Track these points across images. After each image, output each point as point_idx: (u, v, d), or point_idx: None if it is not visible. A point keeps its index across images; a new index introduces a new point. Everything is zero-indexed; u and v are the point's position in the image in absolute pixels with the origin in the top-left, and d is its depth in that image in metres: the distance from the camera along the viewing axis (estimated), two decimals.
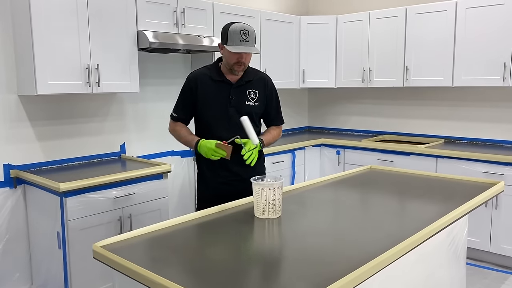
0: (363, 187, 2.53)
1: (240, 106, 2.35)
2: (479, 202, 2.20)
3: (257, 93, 2.41)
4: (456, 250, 2.43)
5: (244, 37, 2.21)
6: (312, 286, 1.25)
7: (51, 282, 2.92)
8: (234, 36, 2.22)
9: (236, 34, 2.21)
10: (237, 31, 2.21)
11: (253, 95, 2.40)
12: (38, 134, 3.12)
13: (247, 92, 2.39)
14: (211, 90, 2.35)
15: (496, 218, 3.52)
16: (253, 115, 2.37)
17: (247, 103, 2.38)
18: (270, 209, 1.89)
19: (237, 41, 2.21)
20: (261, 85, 2.44)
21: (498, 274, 3.44)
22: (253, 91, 2.40)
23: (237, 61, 2.27)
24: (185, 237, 1.74)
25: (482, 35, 3.70)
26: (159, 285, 1.31)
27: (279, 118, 2.56)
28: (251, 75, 2.42)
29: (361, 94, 4.93)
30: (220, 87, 2.36)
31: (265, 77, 2.49)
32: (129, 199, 2.96)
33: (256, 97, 2.40)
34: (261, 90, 2.43)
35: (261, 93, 2.43)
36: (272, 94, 2.49)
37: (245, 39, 2.22)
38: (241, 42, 2.21)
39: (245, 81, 2.38)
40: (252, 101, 2.39)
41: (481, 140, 4.13)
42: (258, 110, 2.43)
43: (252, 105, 2.39)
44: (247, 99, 2.38)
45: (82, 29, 2.94)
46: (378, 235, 1.71)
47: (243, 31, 2.21)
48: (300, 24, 4.63)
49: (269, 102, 2.48)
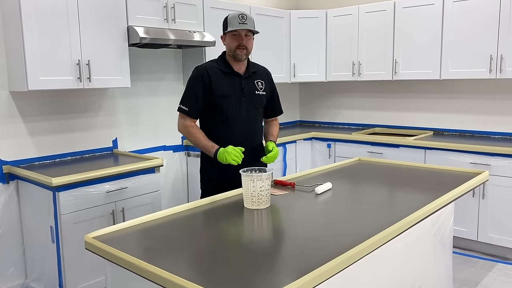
0: (351, 178, 2.58)
1: (251, 96, 2.46)
2: (464, 191, 2.26)
3: (263, 83, 2.53)
4: (442, 239, 2.49)
5: (242, 20, 2.33)
6: (299, 271, 1.29)
7: (45, 276, 2.95)
8: (233, 20, 2.33)
9: (235, 18, 2.33)
10: (235, 15, 2.34)
11: (260, 85, 2.52)
12: (30, 130, 3.14)
13: (255, 82, 2.50)
14: (223, 81, 2.41)
15: (483, 208, 3.59)
16: (262, 104, 2.53)
17: (257, 92, 2.49)
18: (259, 199, 1.94)
19: (236, 24, 2.33)
20: (265, 76, 2.57)
21: (486, 262, 3.52)
22: (260, 81, 2.52)
23: (239, 44, 2.35)
24: (176, 228, 1.78)
25: (469, 28, 3.76)
26: (151, 273, 1.35)
27: (280, 109, 2.71)
28: (254, 67, 2.55)
29: (351, 87, 4.98)
30: (231, 78, 2.43)
31: (266, 70, 2.64)
32: (121, 193, 2.99)
33: (263, 87, 2.53)
34: (265, 81, 2.56)
35: (266, 84, 2.55)
36: (273, 85, 2.64)
37: (243, 22, 2.33)
38: (239, 24, 2.32)
39: (251, 72, 2.49)
40: (261, 91, 2.51)
41: (469, 132, 4.20)
42: (265, 100, 2.56)
43: (261, 94, 2.51)
44: (256, 88, 2.49)
45: (72, 25, 2.95)
46: (365, 223, 1.76)
47: (241, 15, 2.34)
48: (290, 18, 4.67)
49: (272, 93, 2.61)
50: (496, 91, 4.00)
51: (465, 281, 3.19)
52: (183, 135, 2.49)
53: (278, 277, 1.30)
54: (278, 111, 2.70)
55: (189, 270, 1.36)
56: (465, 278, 3.25)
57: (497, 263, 3.50)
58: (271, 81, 2.62)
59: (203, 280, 1.25)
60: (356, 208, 2.00)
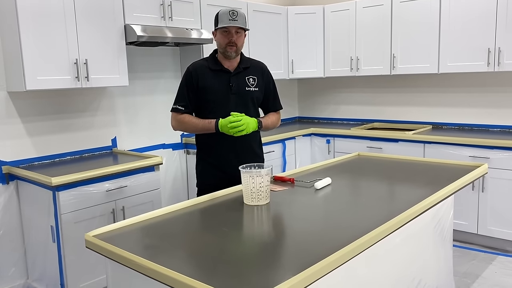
0: (351, 173, 2.58)
1: (241, 93, 2.41)
2: (463, 184, 2.26)
3: (255, 79, 2.47)
4: (442, 232, 2.49)
5: (232, 16, 2.29)
6: (299, 266, 1.29)
7: (46, 275, 2.95)
8: (224, 17, 2.30)
9: (225, 15, 2.29)
10: (226, 12, 2.30)
11: (252, 81, 2.45)
12: (29, 130, 3.14)
13: (246, 78, 2.44)
14: (211, 79, 2.38)
15: (483, 201, 3.59)
16: (254, 100, 2.46)
17: (247, 89, 2.43)
18: (258, 195, 1.94)
19: (226, 21, 2.29)
20: (259, 72, 2.50)
21: (486, 255, 3.53)
22: (252, 77, 2.46)
23: (229, 41, 2.32)
24: (176, 225, 1.78)
25: (467, 22, 3.75)
26: (152, 271, 1.35)
27: (277, 104, 2.61)
28: (247, 62, 2.50)
29: (349, 83, 4.98)
30: (219, 75, 2.40)
31: (262, 64, 2.57)
32: (121, 192, 2.99)
33: (255, 83, 2.46)
34: (259, 76, 2.49)
35: (259, 79, 2.49)
36: (269, 80, 2.56)
37: (233, 18, 2.29)
38: (230, 21, 2.29)
39: (242, 68, 2.45)
40: (252, 87, 2.45)
41: (468, 125, 4.20)
42: (258, 95, 2.49)
43: (252, 90, 2.45)
44: (247, 85, 2.43)
45: (69, 24, 2.95)
46: (364, 218, 1.76)
47: (231, 11, 2.30)
48: (287, 14, 4.66)
49: (267, 88, 2.54)
50: (494, 84, 4.00)
51: (466, 274, 3.20)
52: (180, 130, 2.46)
53: (278, 272, 1.30)
54: (275, 106, 2.59)
55: (189, 267, 1.37)
56: (466, 271, 3.26)
57: (497, 255, 3.51)
58: (267, 76, 2.54)
59: (204, 277, 1.25)
60: (355, 202, 2.01)
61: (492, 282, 3.08)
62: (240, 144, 2.42)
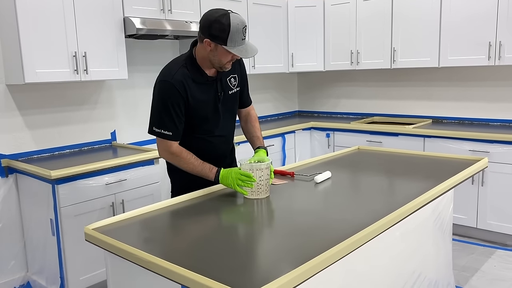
0: (350, 167, 2.57)
1: (226, 98, 2.17)
2: (462, 178, 2.26)
3: (236, 77, 2.21)
4: (442, 226, 2.49)
5: (244, 34, 1.93)
6: (299, 259, 1.29)
7: (46, 268, 2.96)
8: (237, 36, 1.90)
9: (239, 34, 1.90)
10: (240, 29, 1.89)
11: (233, 80, 2.19)
12: (28, 123, 3.13)
13: (228, 80, 2.17)
14: (199, 92, 2.06)
15: (483, 195, 3.60)
16: (237, 100, 2.26)
17: (230, 92, 2.18)
18: (258, 189, 1.93)
19: (240, 41, 1.91)
20: (237, 66, 2.21)
21: (485, 249, 3.53)
22: (233, 77, 2.19)
23: (232, 59, 2.00)
24: (176, 218, 1.78)
25: (467, 15, 3.73)
26: (151, 264, 1.35)
27: (249, 98, 2.38)
28: None
29: (349, 76, 4.96)
30: (207, 87, 2.09)
31: None
32: (121, 185, 2.99)
33: (236, 82, 2.21)
34: (237, 72, 2.22)
35: (237, 76, 2.23)
36: (244, 72, 2.28)
37: (245, 36, 1.94)
38: (242, 40, 1.93)
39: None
40: (234, 88, 2.20)
41: (468, 119, 4.19)
42: (240, 93, 2.27)
43: (235, 91, 2.21)
44: (229, 88, 2.18)
45: (68, 17, 2.93)
46: (364, 211, 1.76)
47: (244, 28, 1.91)
48: (287, 7, 4.63)
49: (243, 80, 2.28)
50: (495, 78, 3.98)
51: (465, 268, 3.21)
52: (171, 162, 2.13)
53: (278, 266, 1.30)
54: (248, 101, 2.35)
55: (189, 260, 1.36)
56: (465, 264, 3.27)
57: (497, 249, 3.51)
58: (243, 69, 2.26)
59: (204, 269, 1.25)
60: (355, 196, 2.00)
61: (491, 276, 3.09)
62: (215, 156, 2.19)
